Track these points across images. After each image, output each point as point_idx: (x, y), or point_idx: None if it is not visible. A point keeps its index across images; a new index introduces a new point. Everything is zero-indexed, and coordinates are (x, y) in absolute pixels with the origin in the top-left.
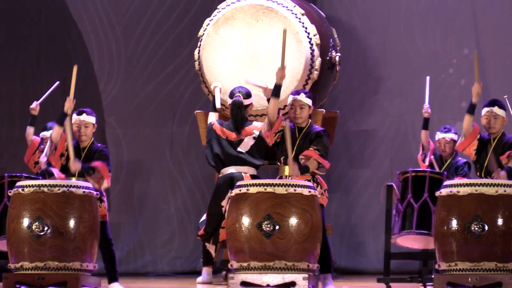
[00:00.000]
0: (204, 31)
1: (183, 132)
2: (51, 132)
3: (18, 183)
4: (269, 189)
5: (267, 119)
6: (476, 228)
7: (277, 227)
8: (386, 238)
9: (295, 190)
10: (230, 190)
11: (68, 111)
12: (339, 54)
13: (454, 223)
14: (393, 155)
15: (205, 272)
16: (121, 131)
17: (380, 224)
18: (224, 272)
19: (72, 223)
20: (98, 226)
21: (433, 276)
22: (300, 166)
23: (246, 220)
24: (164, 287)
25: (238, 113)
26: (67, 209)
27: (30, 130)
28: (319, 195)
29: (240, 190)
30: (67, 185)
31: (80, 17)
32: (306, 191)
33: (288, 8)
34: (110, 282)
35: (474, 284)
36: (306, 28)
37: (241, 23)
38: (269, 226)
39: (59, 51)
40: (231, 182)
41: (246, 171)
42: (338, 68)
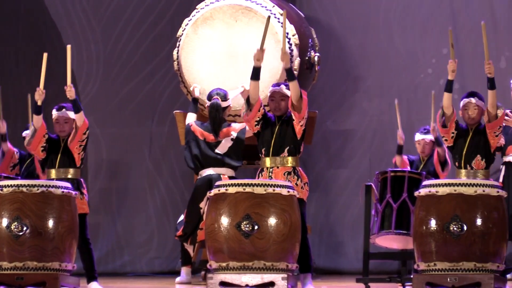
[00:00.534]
0: (183, 31)
1: (162, 132)
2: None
3: None
4: (248, 189)
5: (247, 101)
6: (455, 228)
7: (256, 227)
8: (365, 238)
9: (274, 190)
10: (208, 191)
11: (38, 102)
12: (318, 54)
13: (433, 223)
14: (372, 155)
15: (184, 272)
16: (100, 131)
17: (359, 224)
18: (203, 272)
19: (51, 223)
20: (77, 226)
21: (412, 276)
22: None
23: (225, 220)
24: (143, 287)
25: (216, 115)
26: (46, 209)
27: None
28: (300, 188)
29: (219, 190)
30: (46, 185)
31: (58, 17)
32: (285, 191)
33: (267, 8)
34: (89, 281)
35: (453, 284)
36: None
37: (220, 23)
38: (248, 226)
39: (38, 51)
40: (210, 183)
41: (224, 172)
42: (317, 68)
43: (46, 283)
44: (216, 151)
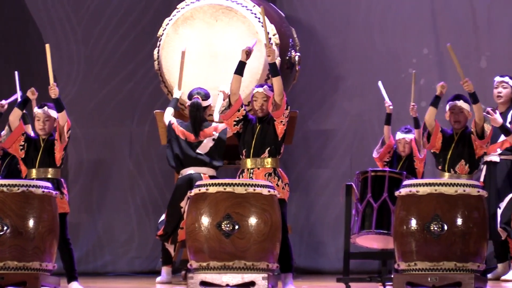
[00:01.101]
0: (163, 30)
1: (142, 132)
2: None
3: None
4: (228, 188)
5: (228, 97)
6: (436, 228)
7: (236, 227)
8: (346, 238)
9: (254, 190)
10: (189, 191)
11: (53, 96)
12: (298, 53)
13: (414, 223)
14: (352, 154)
15: (164, 271)
16: (80, 130)
17: (339, 224)
18: (183, 272)
19: (31, 223)
20: (58, 226)
21: (392, 276)
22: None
23: (205, 220)
24: (123, 286)
25: (197, 114)
26: (26, 208)
27: None
28: (280, 189)
29: (199, 190)
30: (27, 184)
31: (39, 16)
32: (265, 191)
33: (247, 8)
34: (70, 281)
35: (434, 284)
36: (265, 28)
37: (200, 23)
38: (228, 225)
39: (18, 51)
40: (190, 183)
41: (205, 172)
42: (297, 68)
43: (26, 282)
44: (198, 151)
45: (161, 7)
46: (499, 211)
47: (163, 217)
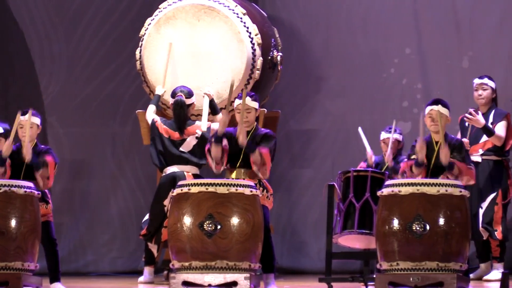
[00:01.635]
0: (145, 30)
1: (125, 132)
2: None
3: None
4: (210, 188)
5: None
6: (418, 228)
7: (218, 227)
8: (328, 238)
9: (236, 190)
10: (172, 189)
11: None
12: (280, 53)
13: (396, 223)
14: (334, 154)
15: (146, 271)
16: (62, 130)
17: (321, 224)
18: (165, 272)
19: (13, 222)
20: (40, 226)
21: (374, 276)
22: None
23: (187, 220)
24: (105, 286)
25: (181, 112)
26: (8, 208)
27: None
28: (265, 198)
29: (181, 190)
30: (9, 184)
31: (21, 16)
32: (247, 191)
33: (229, 7)
34: (52, 282)
35: (416, 283)
36: (248, 28)
37: (182, 22)
38: (210, 225)
39: (0, 51)
40: (174, 181)
41: (188, 170)
42: (279, 68)
43: (8, 282)
44: (181, 149)
45: (143, 7)
46: (481, 211)
47: (147, 216)
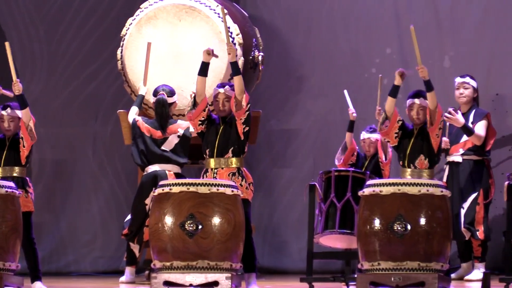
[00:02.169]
0: (126, 30)
1: (106, 132)
2: None
3: None
4: (192, 188)
5: (192, 98)
6: (399, 228)
7: (200, 227)
8: (309, 238)
9: (218, 190)
10: (153, 189)
11: (16, 92)
12: (262, 53)
13: (377, 223)
14: (316, 154)
15: (128, 271)
16: (43, 130)
17: (303, 224)
18: (147, 272)
19: None
20: (21, 226)
21: (355, 276)
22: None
23: (169, 220)
24: (86, 286)
25: (163, 111)
26: None
27: None
28: (244, 188)
29: (163, 190)
30: None
31: (1, 15)
32: (229, 191)
33: (211, 7)
34: (33, 281)
35: (397, 283)
36: (229, 28)
37: (163, 22)
38: (192, 225)
39: None
40: (155, 180)
41: (170, 169)
42: (261, 68)
43: None
44: (163, 147)
45: (124, 6)
46: (463, 211)
47: (129, 216)
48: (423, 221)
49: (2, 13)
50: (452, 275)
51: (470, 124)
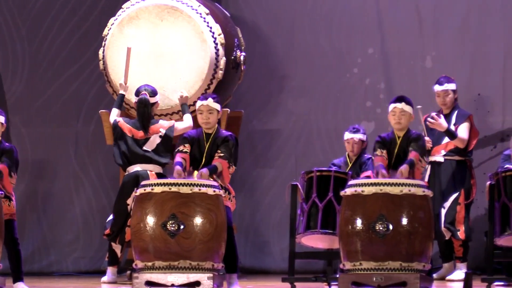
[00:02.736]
0: (108, 30)
1: (88, 132)
2: None
3: None
4: (173, 188)
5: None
6: (381, 228)
7: (181, 227)
8: (291, 238)
9: (199, 190)
10: (135, 189)
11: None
12: (244, 53)
13: (359, 223)
14: (297, 154)
15: (110, 271)
16: (25, 130)
17: (284, 224)
18: (128, 272)
19: None
20: (3, 226)
21: (337, 276)
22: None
23: (150, 220)
24: (68, 286)
25: (145, 111)
26: None
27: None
28: (227, 200)
29: (144, 190)
30: None
31: None
32: (211, 191)
33: (192, 7)
34: (15, 281)
35: (379, 283)
36: (211, 28)
37: (145, 22)
38: (173, 225)
39: None
40: (137, 180)
41: (152, 169)
42: (242, 68)
43: None
44: (144, 148)
45: (106, 6)
46: (443, 211)
47: (111, 216)
48: (405, 221)
49: None
50: (434, 275)
51: (452, 125)
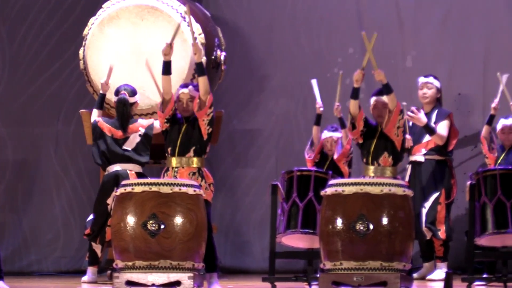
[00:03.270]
0: (89, 30)
1: (68, 131)
2: None
3: None
4: (154, 188)
5: (162, 97)
6: (361, 227)
7: (162, 226)
8: (271, 237)
9: (180, 189)
10: (115, 188)
11: None
12: (224, 53)
13: (339, 222)
14: (278, 154)
15: (90, 271)
16: (5, 130)
17: (265, 223)
18: (109, 272)
19: None
20: None
21: (318, 275)
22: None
23: (131, 219)
24: (48, 286)
25: (124, 110)
26: None
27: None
28: (204, 189)
29: (125, 189)
30: None
31: None
32: (191, 190)
33: (173, 7)
34: None
35: (359, 283)
36: (191, 27)
37: (126, 22)
38: (154, 225)
39: None
40: (117, 179)
41: (131, 168)
42: (223, 67)
43: None
44: (124, 147)
45: (86, 6)
46: (424, 211)
47: (91, 216)
48: (385, 220)
49: None
50: (414, 275)
51: (433, 124)
